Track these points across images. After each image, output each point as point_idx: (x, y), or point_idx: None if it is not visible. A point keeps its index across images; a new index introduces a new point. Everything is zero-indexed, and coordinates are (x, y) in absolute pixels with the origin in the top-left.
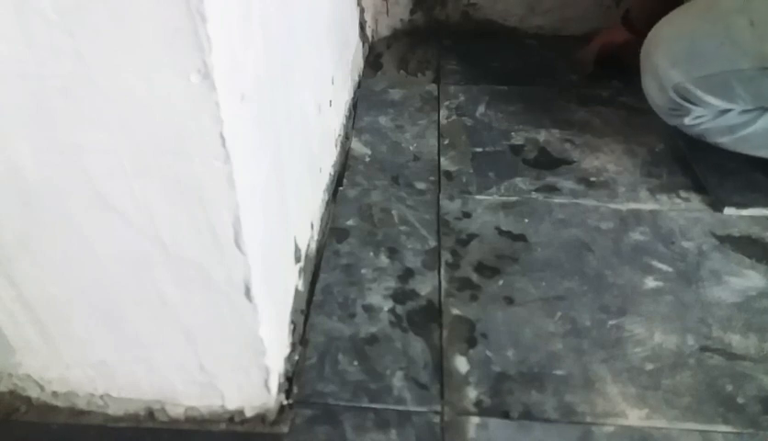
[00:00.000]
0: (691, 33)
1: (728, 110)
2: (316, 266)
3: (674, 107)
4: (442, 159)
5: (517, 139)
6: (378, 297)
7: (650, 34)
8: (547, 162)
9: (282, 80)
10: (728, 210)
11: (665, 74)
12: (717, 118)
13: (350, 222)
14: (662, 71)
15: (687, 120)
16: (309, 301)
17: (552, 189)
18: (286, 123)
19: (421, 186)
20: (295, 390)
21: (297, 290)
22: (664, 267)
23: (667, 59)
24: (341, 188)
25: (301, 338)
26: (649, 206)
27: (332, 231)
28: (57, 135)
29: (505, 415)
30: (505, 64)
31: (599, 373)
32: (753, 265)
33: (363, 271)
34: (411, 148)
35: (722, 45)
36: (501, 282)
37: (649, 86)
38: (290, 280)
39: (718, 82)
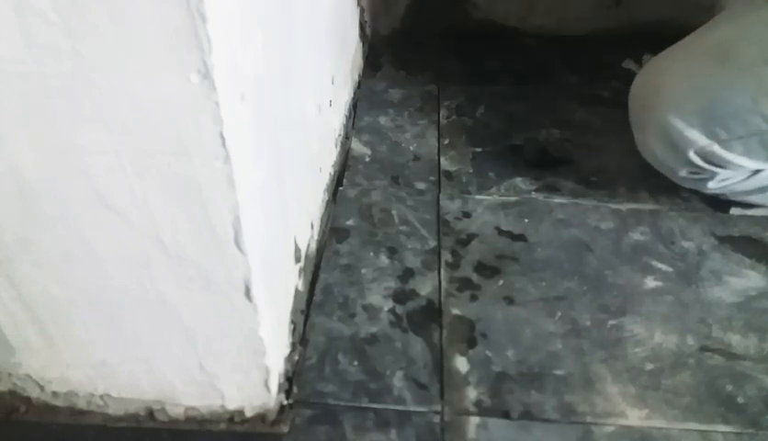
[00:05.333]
0: (710, 87)
1: (761, 170)
2: (316, 266)
3: (695, 172)
4: (442, 159)
5: (517, 139)
6: (378, 297)
7: (643, 84)
8: (547, 162)
9: (282, 80)
10: (734, 210)
11: (681, 137)
12: (748, 179)
13: (350, 222)
14: (677, 132)
15: (711, 184)
16: (309, 301)
17: (552, 189)
18: (286, 123)
19: (421, 186)
20: (295, 390)
21: (297, 290)
22: (664, 267)
23: (682, 118)
24: (341, 188)
25: (301, 338)
26: (649, 206)
27: (332, 231)
28: (57, 135)
29: (505, 415)
30: (505, 64)
31: (599, 373)
32: (753, 265)
33: (363, 271)
34: (411, 148)
35: (756, 102)
36: (501, 282)
37: (655, 148)
38: (290, 280)
39: (755, 143)
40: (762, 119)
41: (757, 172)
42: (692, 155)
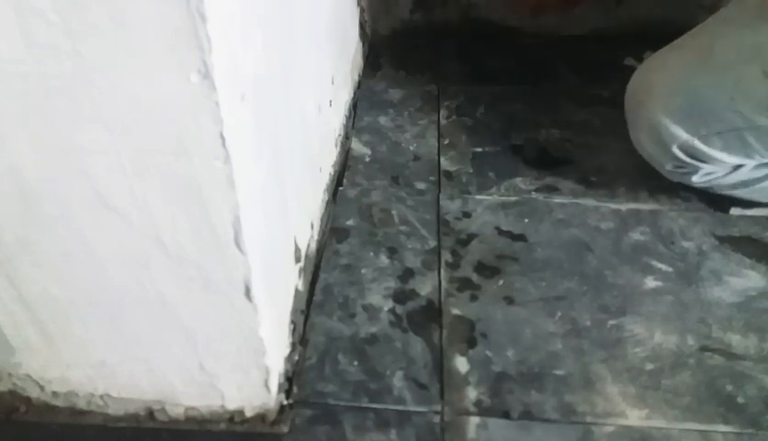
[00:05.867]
0: (692, 85)
1: (742, 165)
2: (316, 266)
3: (680, 166)
4: (442, 159)
5: (517, 139)
6: (378, 297)
7: (638, 81)
8: (547, 162)
9: (282, 80)
10: (734, 210)
11: (666, 132)
12: (730, 174)
13: (350, 222)
14: (663, 128)
15: (695, 178)
16: (309, 301)
17: (552, 189)
18: (286, 123)
19: (421, 186)
20: (295, 390)
21: (297, 290)
22: (664, 267)
23: (667, 114)
24: (341, 188)
25: (301, 338)
26: (649, 206)
27: (332, 231)
28: (57, 135)
29: (505, 415)
30: (505, 64)
31: (599, 373)
32: (753, 265)
33: (363, 271)
34: (411, 148)
35: (734, 99)
36: (501, 282)
37: (645, 143)
38: (290, 280)
39: (732, 139)
40: (739, 116)
41: (738, 167)
42: (675, 150)
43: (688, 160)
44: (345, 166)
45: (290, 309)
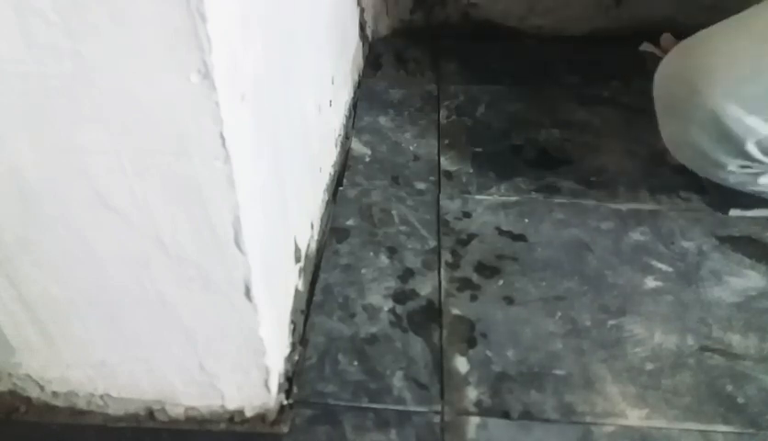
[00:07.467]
0: None
1: None
2: (316, 266)
3: (746, 165)
4: (442, 159)
5: (517, 139)
6: (378, 297)
7: (686, 66)
8: (547, 162)
9: (282, 80)
10: (734, 211)
11: (739, 125)
12: None
13: (350, 222)
14: (732, 120)
15: (763, 180)
16: (309, 301)
17: (552, 189)
18: (286, 123)
19: (421, 186)
20: (295, 390)
21: (297, 290)
22: (664, 267)
23: (741, 105)
24: (341, 188)
25: (301, 338)
26: (649, 206)
27: (332, 231)
28: (57, 135)
29: (505, 415)
30: (505, 64)
31: (599, 373)
32: (753, 266)
33: (363, 271)
34: (411, 148)
35: None
36: (501, 282)
37: (699, 139)
38: (290, 280)
39: None
40: None
41: None
42: (749, 146)
43: (763, 158)
44: (345, 166)
45: (290, 309)
